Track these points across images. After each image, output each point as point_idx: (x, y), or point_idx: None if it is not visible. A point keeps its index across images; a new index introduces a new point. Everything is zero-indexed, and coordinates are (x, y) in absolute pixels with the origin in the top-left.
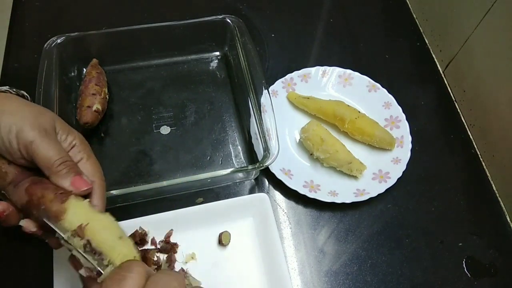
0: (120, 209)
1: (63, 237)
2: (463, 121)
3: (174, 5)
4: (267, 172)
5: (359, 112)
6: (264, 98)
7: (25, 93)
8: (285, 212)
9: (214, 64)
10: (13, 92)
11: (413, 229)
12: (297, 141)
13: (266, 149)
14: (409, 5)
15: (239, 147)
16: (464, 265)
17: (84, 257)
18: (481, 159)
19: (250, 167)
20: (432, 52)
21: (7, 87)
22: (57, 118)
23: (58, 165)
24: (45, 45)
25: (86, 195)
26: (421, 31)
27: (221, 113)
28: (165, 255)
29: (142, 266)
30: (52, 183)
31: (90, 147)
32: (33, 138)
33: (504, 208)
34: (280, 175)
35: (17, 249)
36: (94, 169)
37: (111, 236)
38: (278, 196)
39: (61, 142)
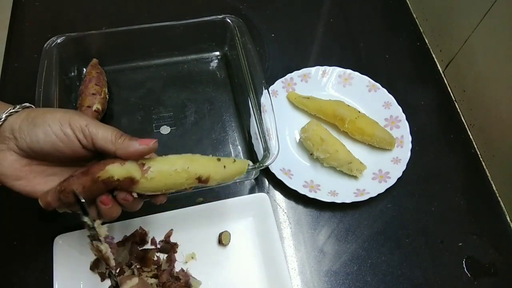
0: None
1: (90, 225)
2: (463, 121)
3: (174, 5)
4: (267, 172)
5: (359, 112)
6: (264, 98)
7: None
8: (285, 212)
9: (214, 64)
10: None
11: (413, 229)
12: (297, 141)
13: (266, 149)
14: (409, 5)
15: (239, 147)
16: (464, 265)
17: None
18: (481, 159)
19: (250, 167)
20: (432, 52)
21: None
22: None
23: (119, 137)
24: (45, 45)
25: None
26: (421, 31)
27: (221, 113)
28: (165, 255)
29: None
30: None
31: None
32: (87, 121)
33: (504, 208)
34: (280, 175)
35: (17, 251)
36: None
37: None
38: (278, 196)
39: None
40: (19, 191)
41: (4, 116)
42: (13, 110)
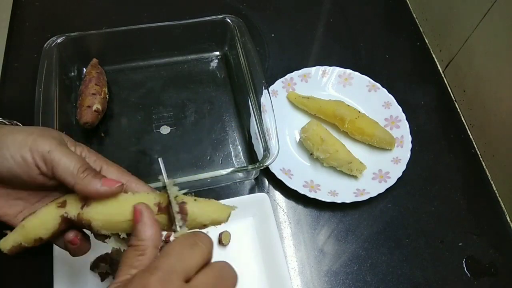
0: None
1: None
2: (463, 121)
3: (174, 5)
4: (267, 172)
5: (359, 112)
6: (264, 98)
7: (18, 123)
8: (285, 212)
9: (214, 64)
10: (7, 123)
11: (413, 229)
12: (297, 141)
13: (266, 149)
14: (409, 5)
15: (239, 147)
16: (464, 265)
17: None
18: (481, 159)
19: (250, 167)
20: (432, 52)
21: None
22: (61, 132)
23: (82, 171)
24: (45, 45)
25: None
26: (421, 31)
27: (221, 113)
28: None
29: (211, 243)
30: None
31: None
32: (50, 147)
33: (504, 208)
34: (280, 175)
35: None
36: (119, 171)
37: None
38: (278, 196)
39: None
40: None
41: None
42: None
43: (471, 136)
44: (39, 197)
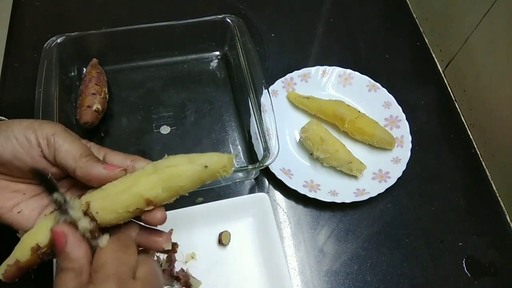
0: None
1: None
2: (463, 121)
3: (174, 5)
4: (267, 172)
5: (359, 111)
6: (264, 98)
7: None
8: (285, 212)
9: (214, 64)
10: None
11: (413, 229)
12: (297, 141)
13: (266, 149)
14: (409, 5)
15: (239, 147)
16: (464, 265)
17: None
18: (481, 159)
19: (250, 166)
20: (432, 52)
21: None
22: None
23: (85, 156)
24: (45, 45)
25: None
26: (421, 30)
27: (221, 113)
28: (165, 255)
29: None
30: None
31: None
32: (54, 131)
33: (504, 208)
34: (280, 175)
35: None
36: (125, 156)
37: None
38: (278, 196)
39: None
40: None
41: None
42: None
43: (471, 136)
44: (37, 191)
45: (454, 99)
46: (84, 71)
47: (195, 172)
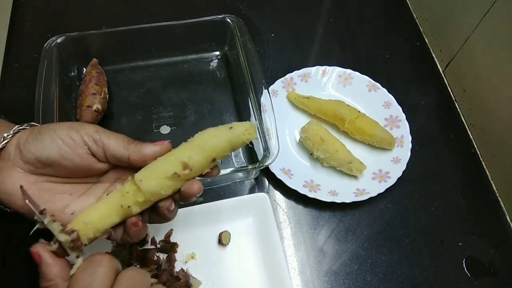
0: None
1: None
2: (463, 121)
3: (174, 5)
4: (267, 172)
5: (359, 111)
6: (264, 98)
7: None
8: (285, 212)
9: (214, 64)
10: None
11: (413, 229)
12: (297, 141)
13: (266, 149)
14: (409, 5)
15: None
16: (464, 265)
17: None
18: (481, 159)
19: (250, 166)
20: (432, 52)
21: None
22: None
23: (131, 142)
24: (45, 45)
25: None
26: (421, 30)
27: (221, 113)
28: (165, 255)
29: (111, 260)
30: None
31: None
32: (97, 128)
33: (504, 208)
34: (280, 175)
35: (15, 258)
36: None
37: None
38: (278, 195)
39: None
40: (25, 212)
41: (12, 132)
42: (21, 128)
43: (471, 136)
44: (83, 190)
45: (454, 99)
46: (84, 71)
47: (222, 133)
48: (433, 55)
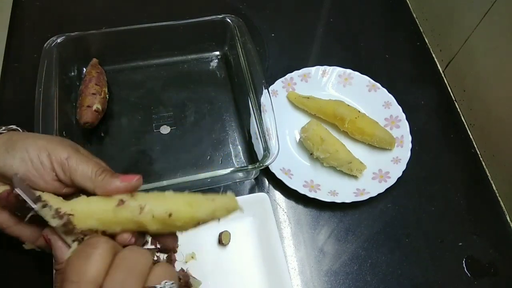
0: None
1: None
2: (463, 121)
3: (174, 5)
4: (267, 172)
5: (359, 111)
6: (264, 98)
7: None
8: (285, 212)
9: (214, 63)
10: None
11: (413, 229)
12: (297, 140)
13: (266, 149)
14: (409, 5)
15: (239, 146)
16: (464, 265)
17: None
18: (481, 159)
19: (250, 166)
20: (432, 52)
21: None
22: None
23: (100, 174)
24: (45, 45)
25: None
26: (421, 30)
27: (221, 113)
28: (165, 255)
29: (108, 242)
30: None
31: None
32: (68, 154)
33: (504, 208)
34: (280, 175)
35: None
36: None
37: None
38: (278, 195)
39: None
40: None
41: None
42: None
43: (471, 136)
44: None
45: (454, 99)
46: (84, 71)
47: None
48: (433, 55)
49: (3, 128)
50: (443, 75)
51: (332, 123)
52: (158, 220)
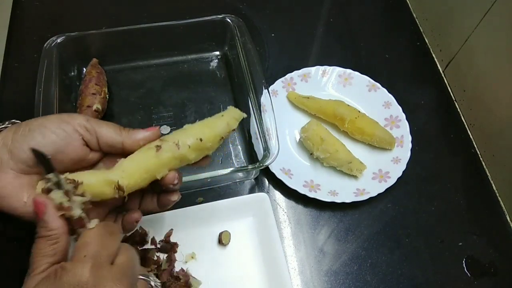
0: None
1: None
2: (463, 121)
3: (174, 5)
4: (267, 172)
5: (359, 111)
6: (264, 98)
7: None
8: (285, 212)
9: (214, 63)
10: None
11: (413, 229)
12: (297, 140)
13: (266, 149)
14: (409, 5)
15: (239, 146)
16: (464, 265)
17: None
18: (481, 159)
19: (250, 166)
20: (432, 52)
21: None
22: None
23: (123, 128)
24: (45, 45)
25: None
26: (421, 30)
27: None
28: (165, 255)
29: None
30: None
31: None
32: (86, 118)
33: (504, 208)
34: (280, 175)
35: (16, 256)
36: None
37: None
38: (278, 195)
39: None
40: (22, 215)
41: None
42: (3, 126)
43: (471, 136)
44: None
45: (454, 99)
46: (84, 71)
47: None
48: (433, 55)
49: (7, 122)
50: (443, 75)
51: (332, 123)
52: (194, 148)
